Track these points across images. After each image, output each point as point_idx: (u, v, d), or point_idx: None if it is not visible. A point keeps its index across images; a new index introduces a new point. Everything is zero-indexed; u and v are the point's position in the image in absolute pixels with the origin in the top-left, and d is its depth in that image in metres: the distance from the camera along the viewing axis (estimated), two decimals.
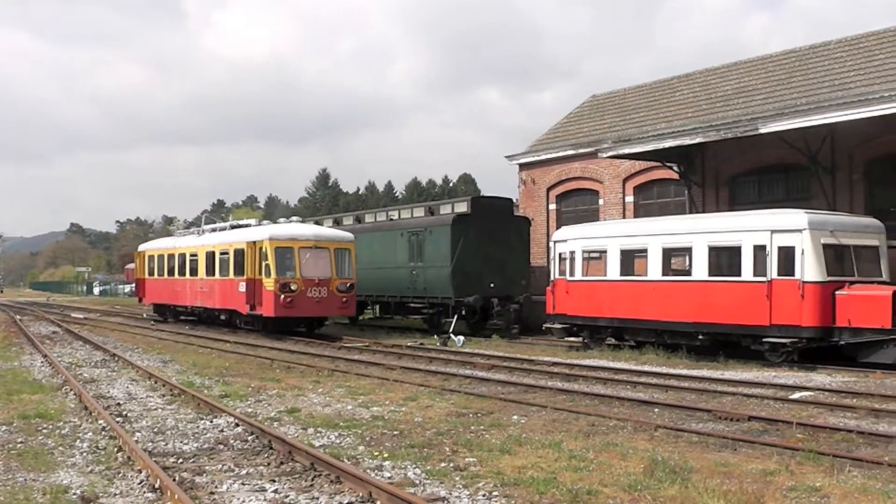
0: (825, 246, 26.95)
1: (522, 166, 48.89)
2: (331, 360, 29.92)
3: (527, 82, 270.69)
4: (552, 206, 46.86)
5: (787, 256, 27.02)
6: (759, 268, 27.46)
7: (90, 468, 13.49)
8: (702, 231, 29.47)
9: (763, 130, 30.42)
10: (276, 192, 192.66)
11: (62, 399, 20.83)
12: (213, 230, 50.05)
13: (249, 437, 15.72)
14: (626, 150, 36.85)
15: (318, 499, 11.56)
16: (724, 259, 28.93)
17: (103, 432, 16.31)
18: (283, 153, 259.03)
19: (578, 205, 45.72)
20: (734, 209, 35.62)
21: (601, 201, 43.82)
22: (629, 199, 42.42)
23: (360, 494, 11.55)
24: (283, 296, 39.07)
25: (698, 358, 28.45)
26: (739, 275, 28.08)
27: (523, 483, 12.21)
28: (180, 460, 13.96)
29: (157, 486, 12.03)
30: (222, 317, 46.04)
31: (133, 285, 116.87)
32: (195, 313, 50.78)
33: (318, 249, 40.56)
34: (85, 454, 14.52)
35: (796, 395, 21.16)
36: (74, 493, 11.90)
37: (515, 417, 18.04)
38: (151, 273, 57.08)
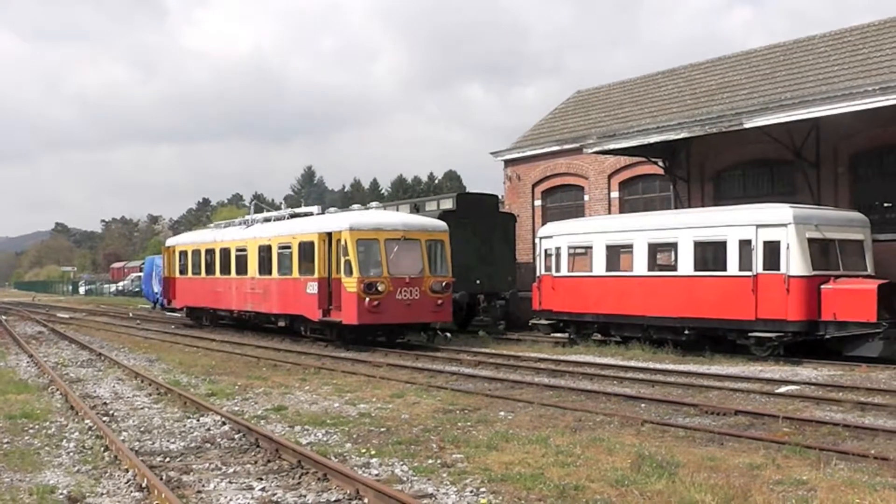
0: (810, 240, 27.00)
1: (507, 163, 48.90)
2: (317, 358, 29.87)
3: (511, 78, 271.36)
4: (537, 203, 46.88)
5: (772, 251, 27.07)
6: (745, 262, 27.51)
7: (77, 468, 13.46)
8: (687, 226, 29.51)
9: (748, 125, 30.47)
10: (261, 190, 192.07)
11: (48, 399, 20.78)
12: (266, 220, 42.50)
13: (236, 436, 15.71)
14: (611, 146, 36.86)
15: (305, 497, 11.55)
16: (710, 254, 28.96)
17: (90, 432, 16.28)
18: (268, 151, 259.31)
19: (564, 201, 45.75)
20: (719, 204, 35.72)
21: (586, 197, 43.85)
22: (614, 194, 42.45)
23: (348, 492, 11.54)
24: (367, 298, 32.14)
25: (684, 353, 28.51)
26: (725, 269, 28.12)
27: (511, 479, 12.22)
28: (167, 459, 13.94)
29: (144, 485, 12.01)
30: (281, 323, 38.78)
31: (119, 284, 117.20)
32: (242, 318, 43.01)
33: (407, 241, 33.72)
34: (71, 454, 14.49)
35: (782, 389, 21.22)
36: (61, 493, 11.87)
37: (502, 413, 18.06)
38: (183, 271, 49.12)
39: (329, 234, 34.48)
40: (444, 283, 33.82)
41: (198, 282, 46.92)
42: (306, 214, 39.53)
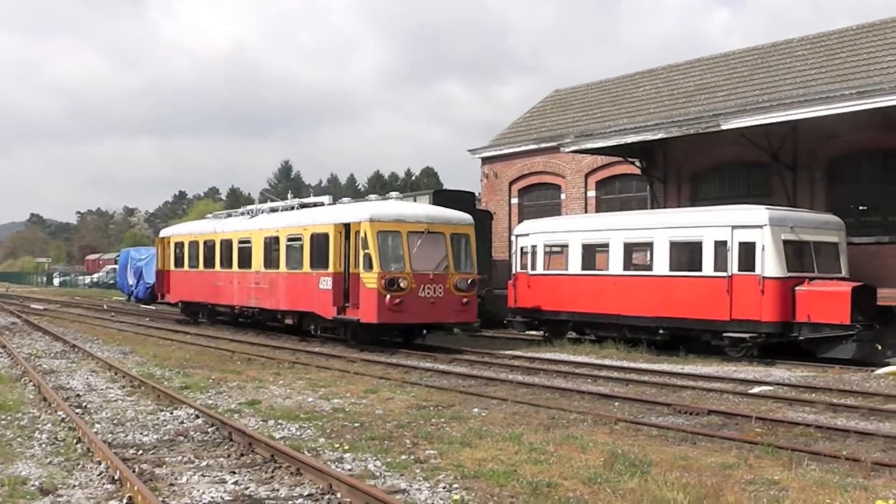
0: (785, 242, 27.13)
1: (485, 160, 48.93)
2: (291, 353, 29.84)
3: (489, 76, 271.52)
4: (514, 200, 46.91)
5: (747, 252, 27.19)
6: (720, 263, 27.62)
7: (49, 459, 13.39)
8: (663, 226, 29.60)
9: (725, 127, 30.60)
10: (238, 184, 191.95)
11: (21, 390, 20.66)
12: (273, 210, 39.80)
13: (209, 429, 15.66)
14: (589, 145, 36.96)
15: (278, 490, 11.53)
16: (685, 254, 29.05)
17: (62, 424, 16.20)
18: (245, 145, 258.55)
19: (540, 199, 45.79)
20: (695, 205, 35.81)
21: (563, 196, 43.91)
22: (591, 193, 42.52)
23: (321, 486, 11.52)
24: (388, 295, 29.74)
25: (659, 352, 28.61)
26: (700, 270, 28.22)
27: (483, 475, 12.23)
28: (140, 452, 13.87)
29: (116, 477, 11.94)
30: (288, 321, 36.08)
31: (94, 276, 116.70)
32: (244, 315, 40.44)
33: (431, 235, 31.24)
34: (44, 445, 14.42)
35: (756, 390, 21.31)
36: (33, 485, 11.80)
37: (476, 410, 18.08)
38: (179, 264, 46.22)
39: (346, 226, 31.90)
40: (469, 281, 31.54)
41: (195, 275, 44.26)
42: (316, 205, 37.04)
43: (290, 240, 35.39)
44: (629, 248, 30.81)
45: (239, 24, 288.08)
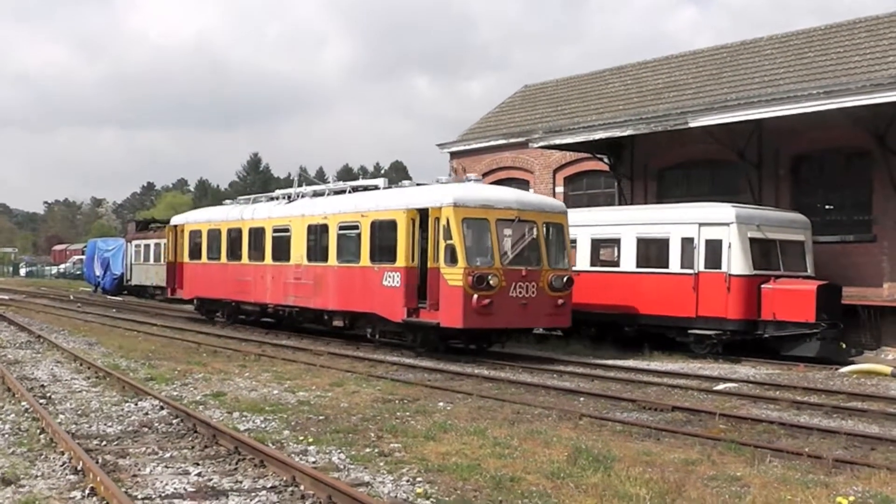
0: (752, 240, 27.30)
1: (453, 155, 48.97)
2: (258, 345, 29.75)
3: (458, 71, 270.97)
4: None
5: (714, 249, 27.34)
6: (687, 260, 27.78)
7: (12, 450, 13.31)
8: (630, 223, 29.73)
9: (692, 124, 30.72)
10: (206, 176, 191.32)
11: None
12: (317, 194, 34.30)
13: (174, 421, 15.61)
14: (557, 141, 37.02)
15: (241, 482, 11.51)
16: (653, 251, 29.17)
17: (26, 414, 16.11)
18: (214, 137, 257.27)
19: None
20: (662, 202, 35.97)
21: (531, 191, 43.90)
22: (559, 189, 42.61)
23: (284, 479, 11.51)
24: (476, 295, 25.28)
25: (625, 348, 28.69)
26: (667, 267, 28.38)
27: (447, 469, 12.26)
28: (104, 443, 13.82)
29: (79, 468, 11.90)
30: (337, 322, 31.37)
31: (60, 267, 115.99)
32: (279, 315, 35.60)
33: (522, 223, 26.92)
34: (7, 435, 14.33)
35: (720, 387, 21.42)
36: None
37: (441, 404, 18.09)
38: (195, 255, 40.77)
39: (422, 211, 27.17)
40: (565, 279, 27.11)
41: (216, 268, 38.90)
42: (367, 188, 32.37)
43: (342, 228, 30.68)
44: (596, 245, 30.92)
45: (204, 16, 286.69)
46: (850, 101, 27.31)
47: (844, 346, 27.47)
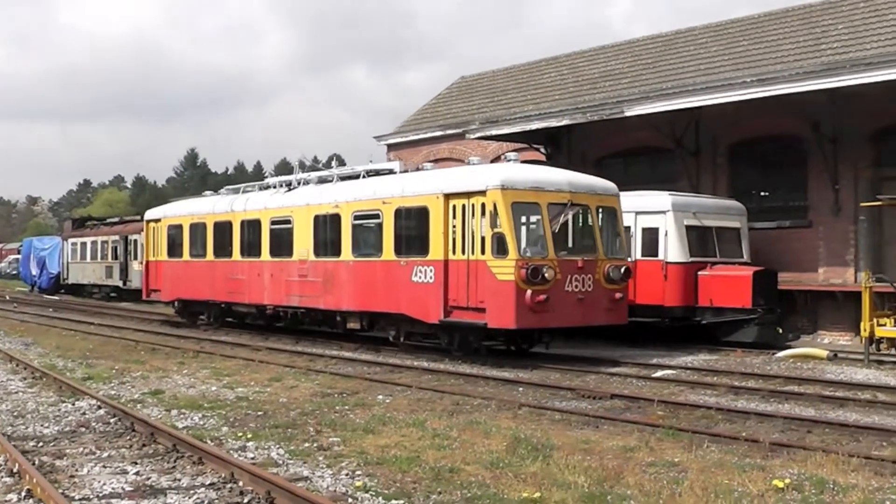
0: (688, 227, 27.47)
1: (391, 147, 48.82)
2: (196, 342, 29.56)
3: (394, 62, 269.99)
4: None
5: (650, 237, 27.48)
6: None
7: None
8: None
9: (629, 113, 30.82)
10: (143, 172, 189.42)
11: None
12: (323, 180, 30.53)
13: (112, 420, 15.46)
14: (494, 132, 36.99)
15: (179, 480, 11.42)
16: None
17: None
18: (150, 132, 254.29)
19: None
20: None
21: None
22: None
23: (223, 475, 11.42)
24: (530, 291, 22.21)
25: (565, 339, 28.70)
26: None
27: (386, 462, 12.21)
28: (40, 444, 13.65)
29: (15, 470, 11.75)
30: (352, 324, 28.17)
31: None
32: (278, 317, 31.94)
33: (575, 208, 23.96)
34: None
35: (659, 374, 21.54)
36: None
37: (380, 397, 18.06)
38: (175, 252, 36.98)
39: (462, 196, 23.87)
40: (623, 269, 24.31)
41: (201, 266, 35.23)
42: (379, 172, 29.07)
43: (358, 217, 27.47)
44: None
45: (140, 9, 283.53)
46: (783, 89, 27.47)
47: (781, 330, 27.73)
